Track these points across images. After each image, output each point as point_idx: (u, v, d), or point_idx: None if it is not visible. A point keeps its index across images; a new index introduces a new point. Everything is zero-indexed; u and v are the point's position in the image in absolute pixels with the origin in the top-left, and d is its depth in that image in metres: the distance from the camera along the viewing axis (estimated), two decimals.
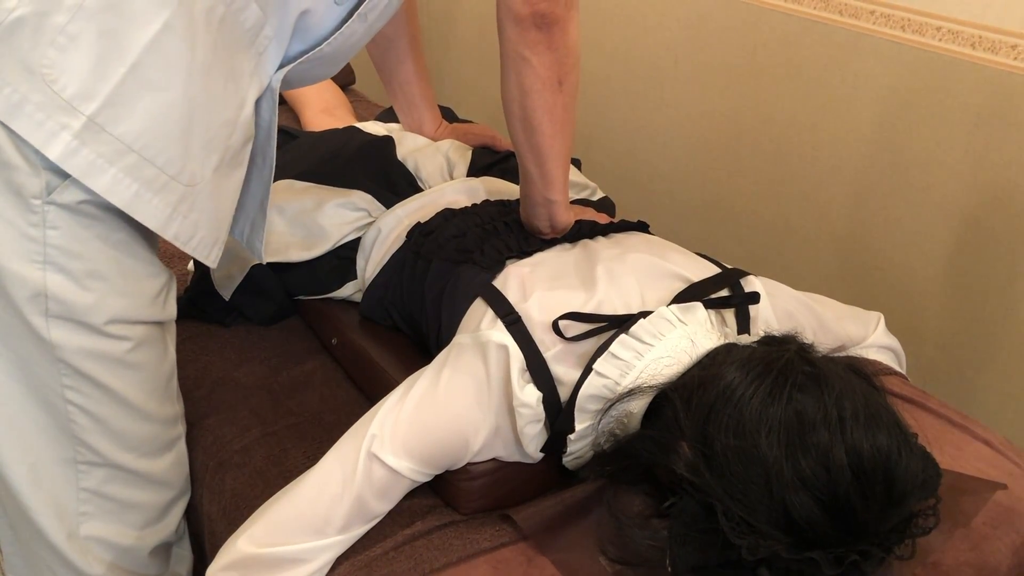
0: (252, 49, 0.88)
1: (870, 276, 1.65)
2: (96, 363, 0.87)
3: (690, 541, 0.80)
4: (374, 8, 0.95)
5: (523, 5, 0.94)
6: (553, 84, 0.99)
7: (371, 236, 1.20)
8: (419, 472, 0.91)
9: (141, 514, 0.98)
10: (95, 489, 0.93)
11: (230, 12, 0.84)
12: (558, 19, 0.95)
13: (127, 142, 0.79)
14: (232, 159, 0.89)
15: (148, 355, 0.92)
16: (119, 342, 0.88)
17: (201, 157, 0.84)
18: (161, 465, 0.99)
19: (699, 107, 1.87)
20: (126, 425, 0.92)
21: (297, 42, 0.93)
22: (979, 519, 0.93)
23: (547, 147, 1.03)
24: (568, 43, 0.98)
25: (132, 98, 0.79)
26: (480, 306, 1.00)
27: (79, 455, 0.91)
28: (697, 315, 0.94)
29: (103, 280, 0.85)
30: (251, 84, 0.89)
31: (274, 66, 0.91)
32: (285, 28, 0.89)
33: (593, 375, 0.90)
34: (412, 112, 1.44)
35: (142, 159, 0.80)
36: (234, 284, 1.24)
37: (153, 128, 0.80)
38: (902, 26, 1.49)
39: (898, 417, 0.81)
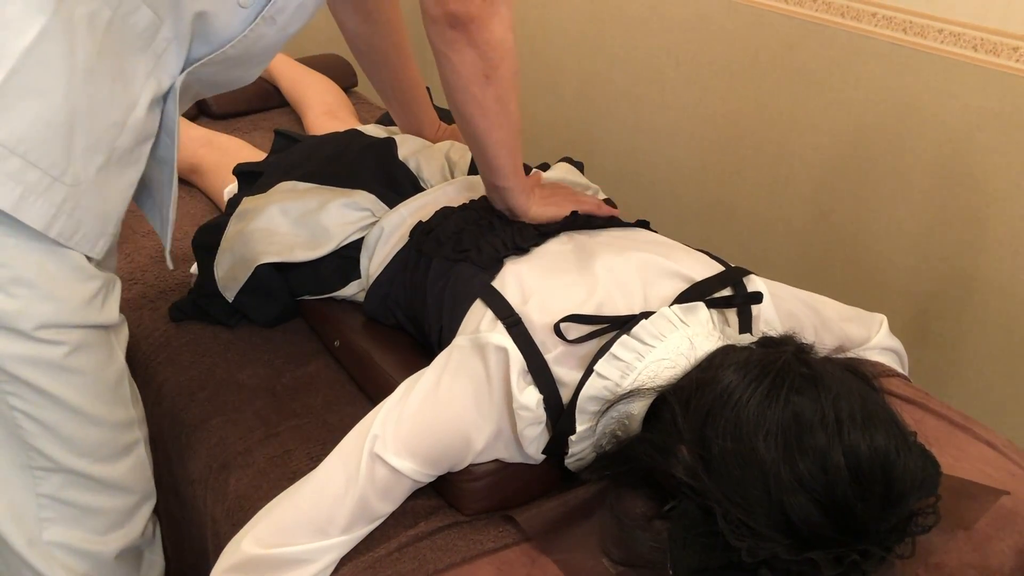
0: (149, 51, 0.87)
1: (870, 277, 1.65)
2: (33, 369, 0.87)
3: (690, 544, 0.80)
4: (282, 11, 0.94)
5: (434, 6, 0.97)
6: (478, 79, 1.02)
7: (375, 235, 1.21)
8: (421, 472, 0.91)
9: (102, 519, 0.97)
10: (53, 495, 0.93)
11: (117, 16, 0.84)
12: (473, 17, 0.97)
13: (9, 147, 0.79)
14: (121, 159, 0.88)
15: (89, 359, 0.91)
16: (53, 347, 0.87)
17: (84, 158, 0.84)
18: (119, 470, 0.98)
19: (700, 109, 1.87)
20: (74, 430, 0.92)
21: (200, 44, 0.92)
22: (982, 520, 0.93)
23: (483, 137, 1.07)
24: (491, 38, 1.00)
25: (12, 103, 0.79)
26: (480, 308, 1.00)
27: (32, 460, 0.91)
28: (699, 315, 0.94)
29: (27, 286, 0.84)
30: (146, 85, 0.88)
31: (177, 67, 0.91)
32: (183, 30, 0.89)
33: (594, 376, 0.91)
34: (409, 117, 1.44)
35: (26, 163, 0.80)
36: (238, 286, 1.24)
37: (35, 132, 0.80)
38: (904, 28, 1.50)
39: (896, 417, 0.81)
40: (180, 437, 1.16)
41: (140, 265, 1.43)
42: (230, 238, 1.26)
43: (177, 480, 1.17)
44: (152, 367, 1.25)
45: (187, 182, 1.67)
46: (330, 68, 2.02)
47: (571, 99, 2.19)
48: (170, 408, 1.20)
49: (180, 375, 1.22)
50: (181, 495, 1.17)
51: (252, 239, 1.23)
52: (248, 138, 1.79)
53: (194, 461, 1.12)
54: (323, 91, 1.91)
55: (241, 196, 1.33)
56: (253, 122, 1.92)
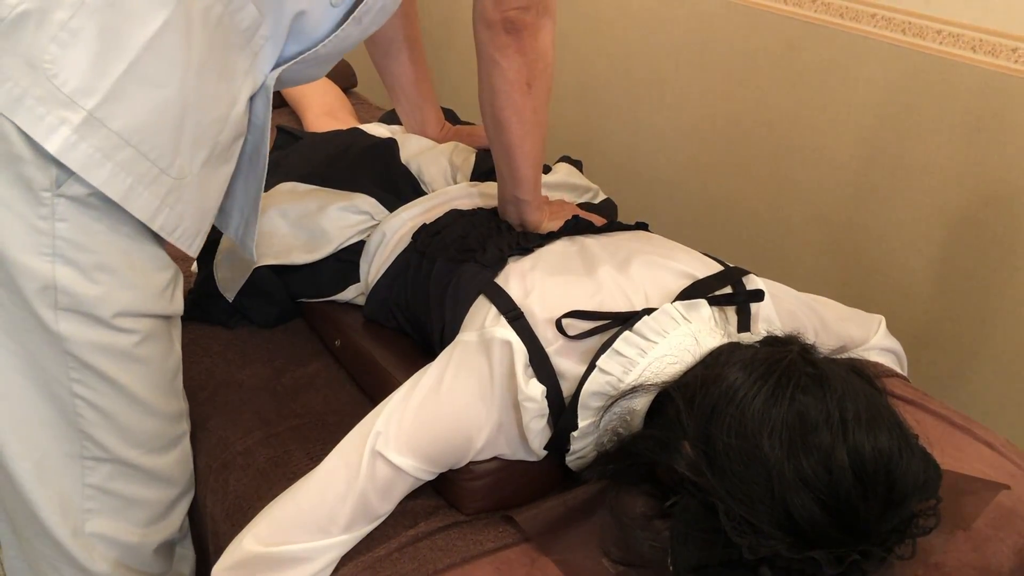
0: (248, 48, 0.89)
1: (871, 278, 1.65)
2: (104, 356, 0.88)
3: (692, 540, 0.80)
4: (368, 11, 0.96)
5: (494, 10, 1.00)
6: (522, 86, 1.05)
7: (376, 240, 1.21)
8: (422, 470, 0.92)
9: (146, 511, 0.98)
10: (100, 485, 0.93)
11: (227, 12, 0.86)
12: (527, 25, 1.01)
13: (124, 137, 0.81)
14: (221, 154, 0.90)
15: (154, 349, 0.93)
16: (126, 335, 0.88)
17: (190, 152, 0.86)
18: (166, 461, 0.99)
19: (700, 109, 1.88)
20: (132, 420, 0.93)
21: (293, 43, 0.94)
22: (981, 520, 0.93)
23: (516, 146, 1.09)
24: (538, 48, 1.04)
25: (130, 94, 0.80)
26: (483, 304, 1.00)
27: (85, 450, 0.91)
28: (701, 312, 0.94)
29: (111, 273, 0.85)
30: (245, 82, 0.90)
31: (269, 65, 0.93)
32: (281, 29, 0.91)
33: (596, 371, 0.91)
34: (415, 114, 1.44)
35: (137, 153, 0.82)
36: (237, 286, 1.24)
37: (149, 124, 0.82)
38: (903, 29, 1.50)
39: (899, 418, 0.81)
40: None
41: None
42: (230, 239, 1.26)
43: None
44: None
45: None
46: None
47: (571, 99, 2.19)
48: None
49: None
50: None
51: None
52: None
53: (194, 460, 1.12)
54: (322, 91, 1.91)
55: None
56: None
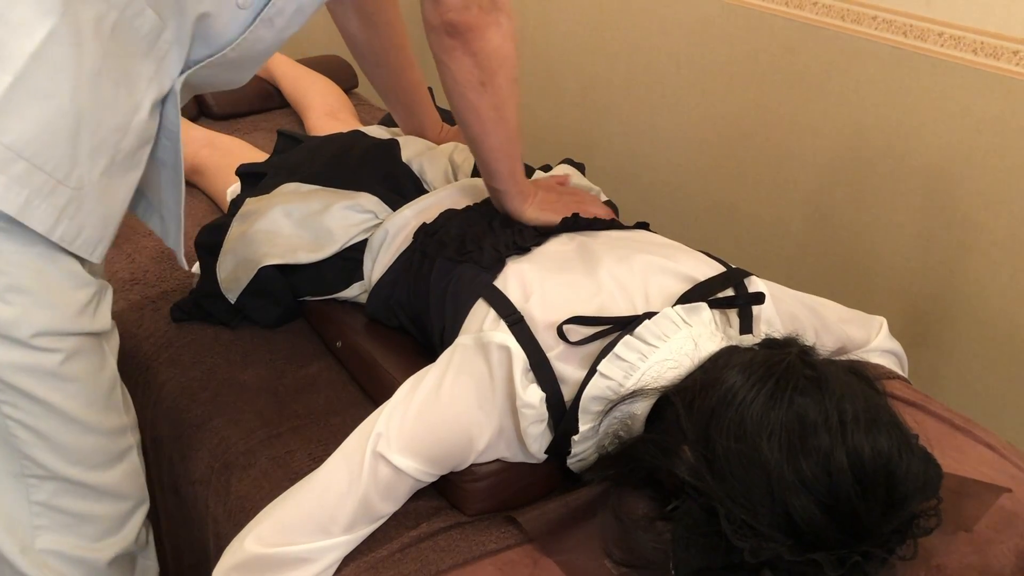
0: (151, 54, 0.87)
1: (871, 280, 1.66)
2: (28, 377, 0.86)
3: (693, 544, 0.80)
4: (280, 13, 0.94)
5: (433, 14, 1.00)
6: (474, 86, 1.05)
7: (379, 237, 1.21)
8: (424, 472, 0.92)
9: (97, 526, 0.97)
10: (47, 502, 0.92)
11: (123, 19, 0.84)
12: (471, 26, 1.00)
13: (16, 150, 0.79)
14: (124, 161, 0.88)
15: (83, 366, 0.91)
16: (49, 354, 0.87)
17: (89, 161, 0.84)
18: (113, 477, 0.97)
19: (701, 111, 1.88)
20: (68, 438, 0.91)
21: (200, 47, 0.92)
22: (983, 522, 0.93)
23: (479, 141, 1.10)
24: (487, 47, 1.02)
25: (19, 107, 0.78)
26: (482, 307, 1.00)
27: (26, 468, 0.90)
28: (702, 316, 0.94)
29: (24, 293, 0.84)
30: (149, 88, 0.88)
31: (177, 70, 0.91)
32: (184, 33, 0.89)
33: (597, 376, 0.91)
34: (411, 119, 1.44)
35: (31, 166, 0.80)
36: (240, 287, 1.24)
37: (42, 135, 0.80)
38: (904, 32, 1.50)
39: (899, 419, 0.81)
40: (182, 437, 1.16)
41: (141, 266, 1.44)
42: (233, 239, 1.26)
43: (178, 480, 1.17)
44: (154, 368, 1.25)
45: (189, 183, 1.67)
46: (331, 69, 2.02)
47: (572, 101, 2.19)
48: (172, 408, 1.20)
49: (182, 375, 1.22)
50: (182, 495, 1.17)
51: (255, 241, 1.24)
52: (249, 139, 1.79)
53: (196, 461, 1.12)
54: (324, 92, 1.92)
55: (244, 197, 1.33)
56: (254, 123, 1.92)
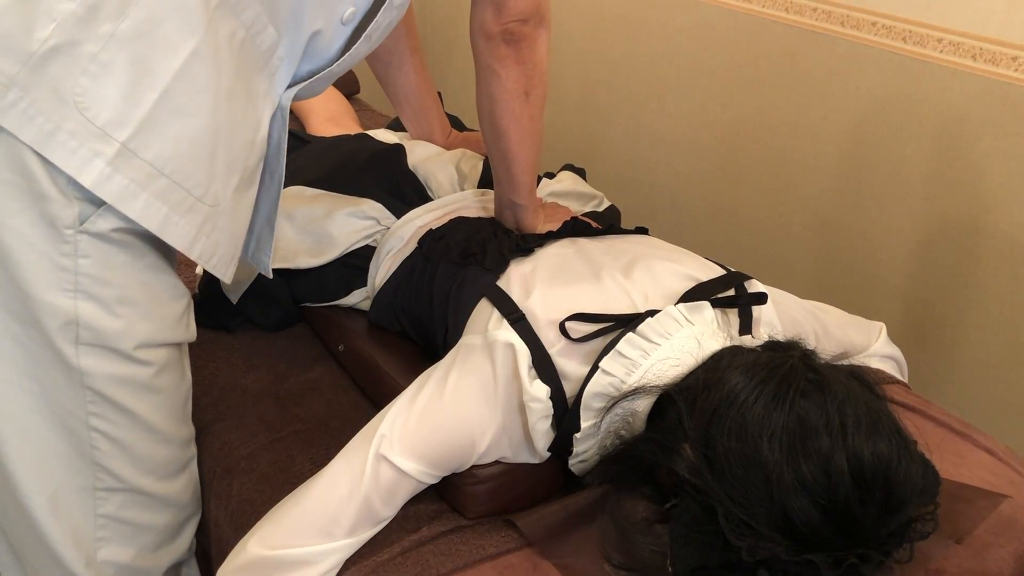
0: (266, 70, 0.89)
1: (870, 284, 1.66)
2: (123, 388, 0.88)
3: (691, 542, 0.81)
4: (377, 27, 0.97)
5: (494, 23, 1.02)
6: (520, 95, 1.07)
7: (389, 244, 1.22)
8: (426, 474, 0.92)
9: (156, 536, 0.99)
10: (113, 514, 0.94)
11: (249, 35, 0.86)
12: (525, 36, 1.03)
13: (158, 167, 0.81)
14: (248, 178, 0.91)
15: (170, 378, 0.93)
16: (145, 367, 0.89)
17: (224, 178, 0.86)
18: (176, 486, 0.99)
19: (701, 116, 1.88)
20: (147, 449, 0.93)
21: (306, 62, 0.94)
22: (982, 528, 0.93)
23: (514, 153, 1.11)
24: (535, 58, 1.06)
25: (162, 124, 0.80)
26: (485, 307, 1.01)
27: (99, 482, 0.91)
28: (704, 315, 0.95)
29: (132, 305, 0.86)
30: (265, 104, 0.91)
31: (284, 85, 0.93)
32: (297, 49, 0.91)
33: (599, 373, 0.91)
34: (420, 123, 1.45)
35: (172, 183, 0.82)
36: (241, 289, 1.25)
37: (182, 153, 0.82)
38: (903, 38, 1.50)
39: (899, 424, 0.81)
40: None
41: None
42: None
43: None
44: None
45: None
46: None
47: (573, 106, 2.19)
48: None
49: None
50: None
51: None
52: None
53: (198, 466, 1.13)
54: (325, 98, 1.92)
55: None
56: None
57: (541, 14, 1.04)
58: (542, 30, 1.06)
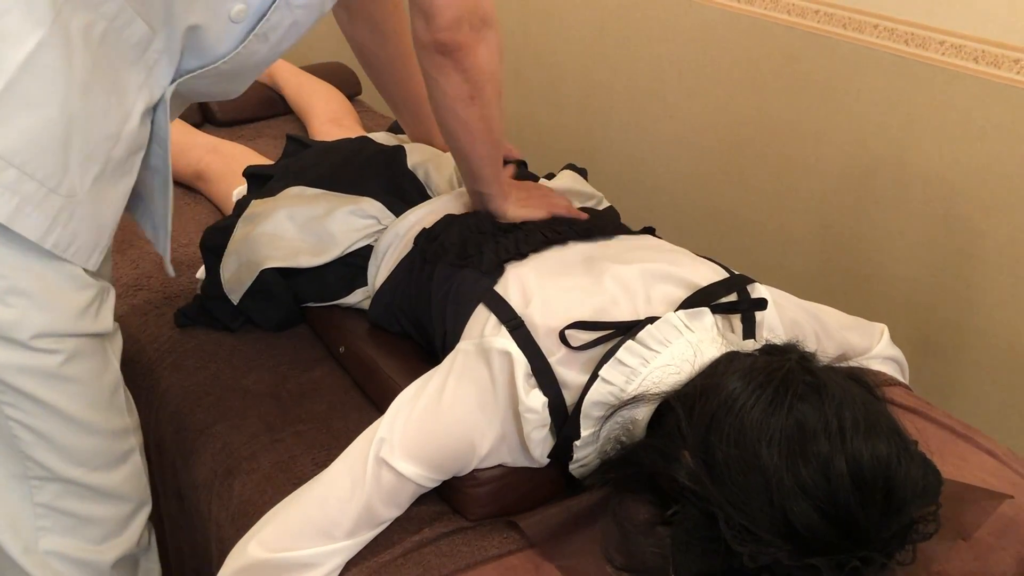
0: (140, 63, 0.88)
1: (872, 287, 1.66)
2: (29, 378, 0.87)
3: (693, 548, 0.81)
4: (275, 28, 0.95)
5: (425, 33, 1.02)
6: (464, 100, 1.07)
7: (386, 242, 1.22)
8: (426, 477, 0.92)
9: (99, 528, 0.98)
10: (49, 504, 0.93)
11: (112, 28, 0.85)
12: (461, 44, 1.02)
13: (6, 158, 0.80)
14: (116, 169, 0.89)
15: (84, 367, 0.92)
16: (49, 356, 0.88)
17: (80, 170, 0.85)
18: (115, 478, 0.98)
19: (703, 118, 1.88)
20: (70, 439, 0.92)
21: (191, 57, 0.93)
22: (984, 529, 0.93)
23: (466, 151, 1.13)
24: (476, 64, 1.05)
25: (9, 115, 0.80)
26: (483, 312, 1.01)
27: (29, 470, 0.91)
28: (704, 321, 0.94)
29: (24, 296, 0.85)
30: (139, 97, 0.89)
31: (167, 79, 0.92)
32: (174, 43, 0.90)
33: (599, 382, 0.91)
34: (419, 126, 1.45)
35: (22, 174, 0.81)
36: (243, 289, 1.25)
37: (32, 144, 0.81)
38: (905, 40, 1.50)
39: (898, 425, 0.81)
40: (185, 442, 1.17)
41: (145, 271, 1.44)
42: (237, 241, 1.27)
43: (181, 485, 1.18)
44: (157, 372, 1.26)
45: (193, 188, 1.68)
46: (335, 76, 2.03)
47: (574, 108, 2.20)
48: (175, 413, 1.20)
49: (185, 380, 1.23)
50: (185, 500, 1.17)
51: (258, 243, 1.24)
52: (252, 145, 1.80)
53: (199, 466, 1.13)
54: (327, 99, 1.92)
55: (250, 199, 1.34)
56: (257, 129, 1.93)
57: (480, 17, 1.02)
58: (484, 32, 1.03)
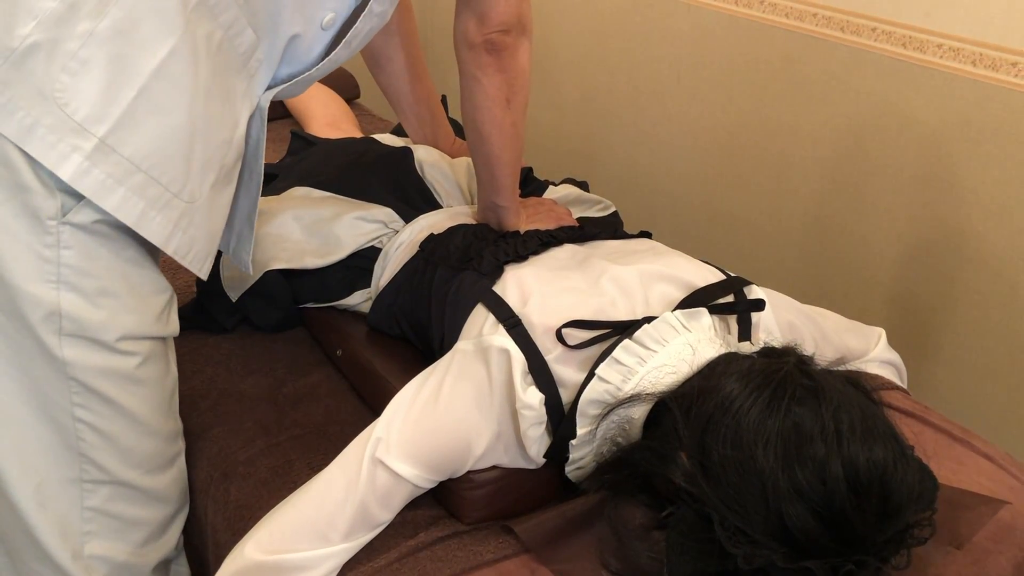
0: (244, 71, 0.91)
1: (871, 289, 1.66)
2: (107, 380, 0.89)
3: (687, 550, 0.81)
4: (357, 35, 0.99)
5: (476, 33, 1.04)
6: (502, 102, 1.10)
7: (395, 245, 1.22)
8: (422, 478, 0.92)
9: (143, 531, 0.99)
10: (99, 507, 0.94)
11: (227, 37, 0.88)
12: (507, 46, 1.06)
13: (135, 162, 0.82)
14: (226, 176, 0.92)
15: (154, 370, 0.94)
16: (128, 358, 0.90)
17: (200, 175, 0.88)
18: (164, 481, 1.00)
19: (701, 121, 1.88)
20: (133, 441, 0.94)
21: (285, 65, 0.96)
22: (981, 534, 0.93)
23: (496, 157, 1.14)
24: (517, 66, 1.08)
25: (140, 120, 0.82)
26: (481, 312, 1.01)
27: (85, 474, 0.92)
28: (702, 321, 0.94)
29: (114, 297, 0.87)
30: (243, 105, 0.92)
31: (263, 87, 0.95)
32: (275, 52, 0.93)
33: (596, 380, 0.91)
34: (424, 130, 1.45)
35: (148, 178, 0.83)
36: (243, 287, 1.25)
37: (159, 149, 0.84)
38: (903, 43, 1.50)
39: (895, 430, 0.81)
40: None
41: None
42: None
43: None
44: None
45: None
46: (333, 80, 2.03)
47: (573, 111, 2.20)
48: None
49: (182, 384, 1.21)
50: None
51: (263, 243, 1.24)
52: None
53: (195, 470, 1.13)
54: (326, 102, 1.92)
55: None
56: None
57: (523, 24, 1.07)
58: (524, 39, 1.08)
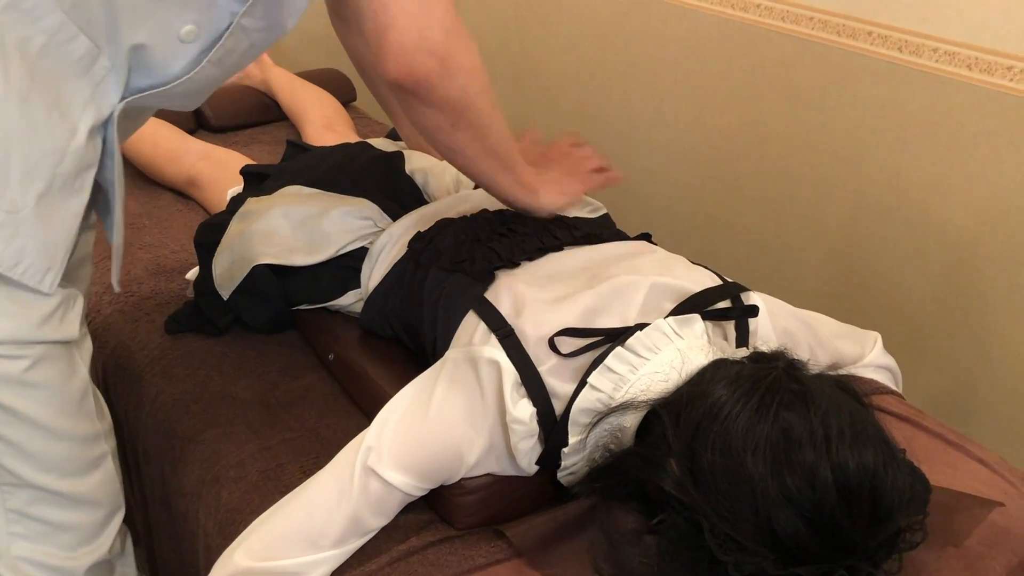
0: (86, 78, 0.87)
1: (867, 295, 1.65)
2: None
3: (678, 557, 0.80)
4: (231, 52, 0.93)
5: (383, 72, 0.94)
6: (445, 130, 1.02)
7: (380, 244, 1.21)
8: (414, 486, 0.91)
9: (73, 535, 0.97)
10: (21, 510, 0.93)
11: (53, 43, 0.84)
12: (419, 81, 0.95)
13: None
14: (64, 186, 0.88)
15: (50, 373, 0.91)
16: (12, 362, 0.87)
17: (21, 186, 0.84)
18: (87, 484, 0.98)
19: (698, 126, 1.88)
20: (39, 446, 0.92)
21: (141, 76, 0.91)
22: (974, 538, 0.93)
23: (468, 171, 1.11)
24: (448, 96, 0.97)
25: None
26: (472, 319, 1.00)
27: (0, 477, 0.91)
28: (694, 328, 0.94)
29: None
30: (85, 113, 0.88)
31: (116, 96, 0.90)
32: (120, 61, 0.89)
33: (587, 388, 0.91)
34: (417, 136, 1.44)
35: None
36: (233, 284, 1.24)
37: None
38: (899, 47, 1.50)
39: (885, 434, 0.81)
40: (173, 449, 1.16)
41: (136, 277, 1.44)
42: (231, 237, 1.27)
43: (169, 492, 1.17)
44: (146, 379, 1.26)
45: (184, 195, 1.68)
46: (329, 83, 2.03)
47: (569, 115, 2.20)
48: (164, 420, 1.20)
49: (174, 387, 1.22)
50: (173, 508, 1.17)
51: (252, 239, 1.24)
52: (246, 151, 1.80)
53: (187, 474, 1.12)
54: (322, 105, 1.92)
55: (245, 196, 1.34)
56: (251, 135, 1.93)
57: (436, 40, 0.93)
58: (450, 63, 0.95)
